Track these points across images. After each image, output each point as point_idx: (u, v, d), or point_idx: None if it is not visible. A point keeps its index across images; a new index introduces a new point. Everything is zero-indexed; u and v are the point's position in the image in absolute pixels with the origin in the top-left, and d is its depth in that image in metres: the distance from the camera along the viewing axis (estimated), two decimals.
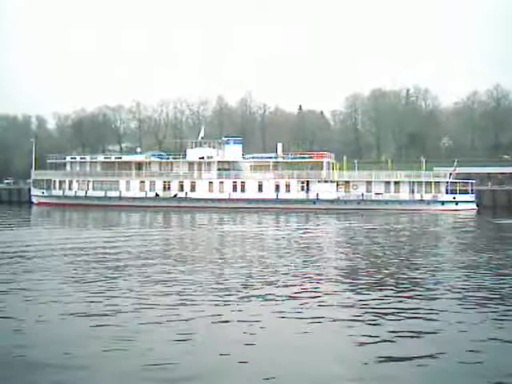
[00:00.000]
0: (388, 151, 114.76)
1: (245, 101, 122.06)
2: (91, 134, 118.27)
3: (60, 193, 78.27)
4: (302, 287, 18.54)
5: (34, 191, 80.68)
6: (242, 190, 72.44)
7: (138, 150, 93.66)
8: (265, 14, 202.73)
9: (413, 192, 69.77)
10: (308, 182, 71.21)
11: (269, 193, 71.59)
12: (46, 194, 79.34)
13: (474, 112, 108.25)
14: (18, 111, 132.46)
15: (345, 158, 74.13)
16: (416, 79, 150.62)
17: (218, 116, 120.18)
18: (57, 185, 79.09)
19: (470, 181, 69.47)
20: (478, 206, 68.32)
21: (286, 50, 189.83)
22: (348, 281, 19.68)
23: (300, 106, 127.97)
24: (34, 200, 79.90)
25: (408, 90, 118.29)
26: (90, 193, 76.60)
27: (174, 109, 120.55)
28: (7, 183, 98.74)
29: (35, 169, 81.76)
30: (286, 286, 18.80)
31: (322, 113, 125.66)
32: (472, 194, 69.32)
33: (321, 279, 20.27)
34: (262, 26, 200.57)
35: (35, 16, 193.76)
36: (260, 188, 72.11)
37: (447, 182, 69.34)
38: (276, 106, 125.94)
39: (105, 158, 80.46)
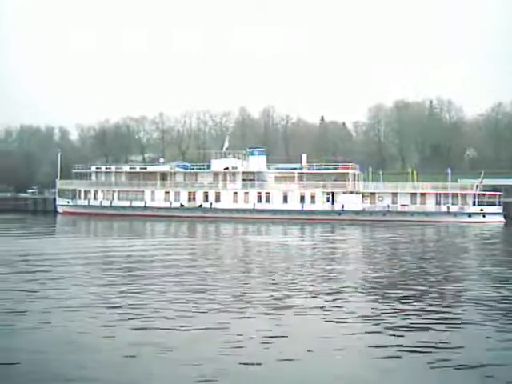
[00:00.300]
0: (411, 162, 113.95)
1: (267, 111, 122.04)
2: (114, 144, 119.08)
3: (85, 202, 78.80)
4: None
5: (60, 201, 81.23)
6: (267, 200, 72.36)
7: (162, 160, 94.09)
8: (284, 25, 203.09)
9: (439, 203, 69.13)
10: (333, 193, 70.92)
11: (294, 204, 71.39)
12: (71, 203, 79.89)
13: (499, 123, 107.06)
14: (41, 122, 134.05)
15: (370, 169, 73.70)
16: (439, 90, 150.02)
17: (240, 127, 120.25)
18: (82, 194, 79.63)
19: (497, 192, 68.72)
20: (505, 218, 67.46)
21: (306, 61, 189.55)
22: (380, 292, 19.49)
23: (322, 117, 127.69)
24: (59, 209, 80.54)
25: (431, 102, 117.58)
26: (115, 202, 77.01)
27: (197, 120, 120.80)
28: (32, 192, 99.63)
29: (60, 178, 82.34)
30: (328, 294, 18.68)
31: (344, 124, 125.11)
32: (499, 205, 68.50)
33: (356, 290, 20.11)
34: (282, 36, 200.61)
35: (56, 22, 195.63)
36: (285, 199, 71.96)
37: (474, 194, 68.62)
38: (298, 117, 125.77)
39: (130, 168, 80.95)
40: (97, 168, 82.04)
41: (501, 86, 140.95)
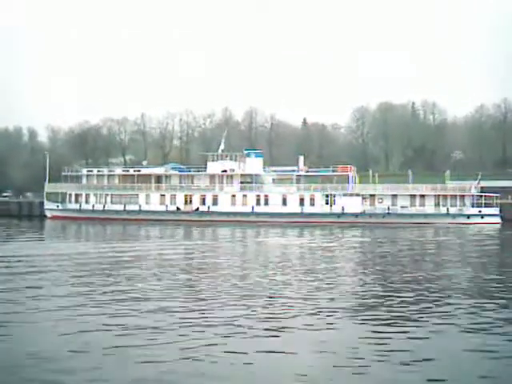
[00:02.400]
0: (395, 164, 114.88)
1: (250, 113, 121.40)
2: (94, 146, 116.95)
3: (76, 206, 76.75)
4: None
5: (48, 204, 78.90)
6: (266, 203, 71.66)
7: (144, 162, 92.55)
8: (269, 27, 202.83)
9: (438, 205, 69.53)
10: (333, 195, 70.65)
11: (293, 206, 70.84)
12: (60, 207, 77.74)
13: (483, 125, 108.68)
14: (10, 123, 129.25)
15: (370, 171, 73.82)
16: (424, 92, 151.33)
17: (223, 128, 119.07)
18: (72, 198, 77.55)
19: (494, 194, 69.43)
20: (502, 219, 68.18)
21: (289, 63, 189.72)
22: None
23: (304, 119, 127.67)
24: (48, 213, 78.15)
25: (413, 104, 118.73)
26: (109, 206, 75.18)
27: (179, 121, 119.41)
28: (5, 196, 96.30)
29: (48, 182, 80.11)
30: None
31: (327, 126, 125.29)
32: (496, 207, 69.22)
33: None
34: (265, 39, 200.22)
35: (28, 20, 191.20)
36: (284, 201, 71.36)
37: (473, 196, 69.22)
38: (280, 119, 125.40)
39: (123, 170, 79.20)
40: (88, 171, 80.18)
41: (484, 88, 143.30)
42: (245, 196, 72.36)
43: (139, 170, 78.09)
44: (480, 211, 68.51)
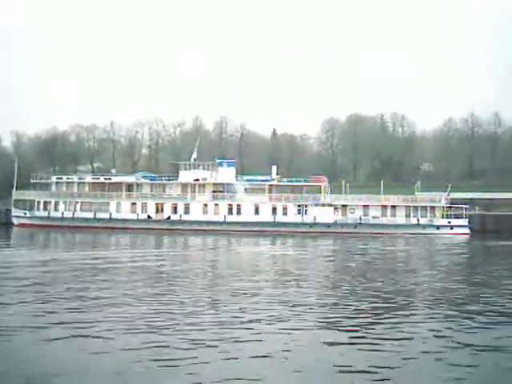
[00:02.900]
0: (363, 175, 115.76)
1: (220, 123, 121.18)
2: (61, 153, 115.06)
3: (45, 214, 75.29)
4: None
5: (15, 212, 77.28)
6: (238, 212, 71.45)
7: (113, 171, 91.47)
8: (241, 35, 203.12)
9: (409, 216, 70.27)
10: (305, 205, 70.84)
11: (265, 216, 70.76)
12: (28, 214, 76.23)
13: (450, 139, 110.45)
14: None
15: (343, 182, 74.26)
16: (393, 106, 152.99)
17: (194, 137, 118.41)
18: (41, 205, 76.09)
19: (463, 205, 70.48)
20: (471, 230, 69.17)
21: (258, 73, 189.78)
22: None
23: (274, 130, 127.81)
24: (15, 221, 76.52)
25: (382, 116, 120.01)
26: (78, 214, 73.99)
27: (149, 129, 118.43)
28: None
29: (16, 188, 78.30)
30: None
31: (296, 136, 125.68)
32: (466, 218, 70.24)
33: None
34: (235, 47, 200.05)
35: None
36: (256, 211, 71.25)
37: (443, 207, 70.17)
38: (250, 130, 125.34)
39: (93, 178, 78.03)
40: (57, 178, 78.74)
41: (452, 102, 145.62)
42: (217, 205, 72.03)
43: (110, 178, 77.08)
44: (449, 222, 69.51)
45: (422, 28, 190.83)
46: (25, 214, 76.52)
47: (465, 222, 69.90)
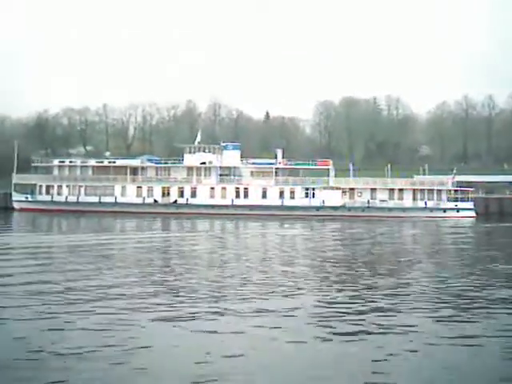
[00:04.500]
0: (357, 158, 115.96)
1: (214, 106, 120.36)
2: (52, 137, 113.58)
3: (47, 198, 74.15)
4: None
5: (16, 196, 76.02)
6: (245, 196, 71.21)
7: (107, 153, 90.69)
8: (238, 19, 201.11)
9: (416, 199, 70.66)
10: (313, 188, 70.82)
11: (273, 199, 70.65)
12: (30, 199, 75.02)
13: (444, 122, 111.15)
14: None
15: (351, 165, 74.34)
16: (388, 88, 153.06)
17: (188, 120, 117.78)
18: (43, 190, 74.92)
19: (469, 189, 71.09)
20: (477, 213, 69.81)
21: (252, 55, 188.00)
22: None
23: (267, 113, 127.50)
24: (16, 205, 75.17)
25: (375, 99, 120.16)
26: (83, 198, 73.03)
27: (142, 112, 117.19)
28: None
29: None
30: None
31: (290, 119, 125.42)
32: (471, 201, 70.84)
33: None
34: (231, 30, 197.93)
35: None
36: (264, 194, 71.08)
37: (449, 190, 70.68)
38: (243, 112, 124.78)
39: (97, 162, 76.90)
40: (60, 161, 77.46)
41: (446, 85, 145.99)
42: (224, 189, 71.66)
43: (114, 162, 76.12)
44: (456, 205, 70.05)
45: (422, 28, 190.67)
46: (26, 198, 75.27)
47: (471, 205, 70.46)
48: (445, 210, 69.75)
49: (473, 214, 69.38)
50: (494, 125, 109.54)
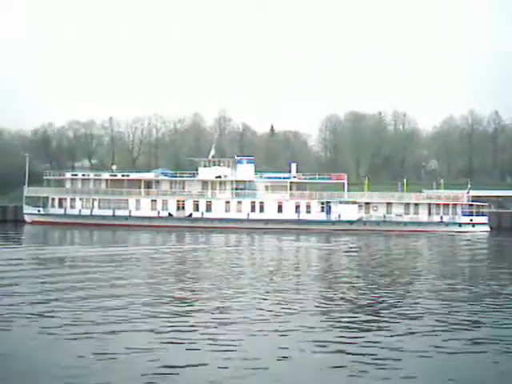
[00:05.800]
0: (363, 172, 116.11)
1: (219, 120, 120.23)
2: (58, 150, 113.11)
3: (60, 211, 73.62)
4: None
5: (28, 209, 75.42)
6: (261, 210, 71.00)
7: (114, 167, 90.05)
8: (239, 32, 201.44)
9: (431, 214, 70.68)
10: (329, 202, 70.73)
11: (289, 213, 70.49)
12: (42, 212, 74.45)
13: (450, 136, 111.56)
14: None
15: (366, 179, 74.32)
16: (395, 103, 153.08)
17: (194, 133, 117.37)
18: (56, 203, 74.42)
19: (484, 203, 71.22)
20: (491, 228, 69.91)
21: (257, 68, 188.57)
22: None
23: (272, 127, 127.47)
24: (27, 218, 74.63)
25: (380, 113, 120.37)
26: (96, 211, 72.58)
27: (148, 125, 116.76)
28: None
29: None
30: None
31: (296, 134, 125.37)
32: (485, 216, 70.94)
33: None
34: (235, 43, 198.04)
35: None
36: (280, 208, 70.90)
37: (464, 205, 70.78)
38: (247, 125, 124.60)
39: (110, 175, 76.45)
40: (72, 174, 77.07)
41: (452, 99, 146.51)
42: (239, 202, 71.48)
43: (128, 175, 75.72)
44: (471, 220, 70.13)
45: (422, 28, 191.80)
46: (38, 211, 74.70)
47: (485, 219, 70.58)
48: (460, 225, 69.81)
49: (487, 228, 69.54)
50: (500, 140, 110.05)
